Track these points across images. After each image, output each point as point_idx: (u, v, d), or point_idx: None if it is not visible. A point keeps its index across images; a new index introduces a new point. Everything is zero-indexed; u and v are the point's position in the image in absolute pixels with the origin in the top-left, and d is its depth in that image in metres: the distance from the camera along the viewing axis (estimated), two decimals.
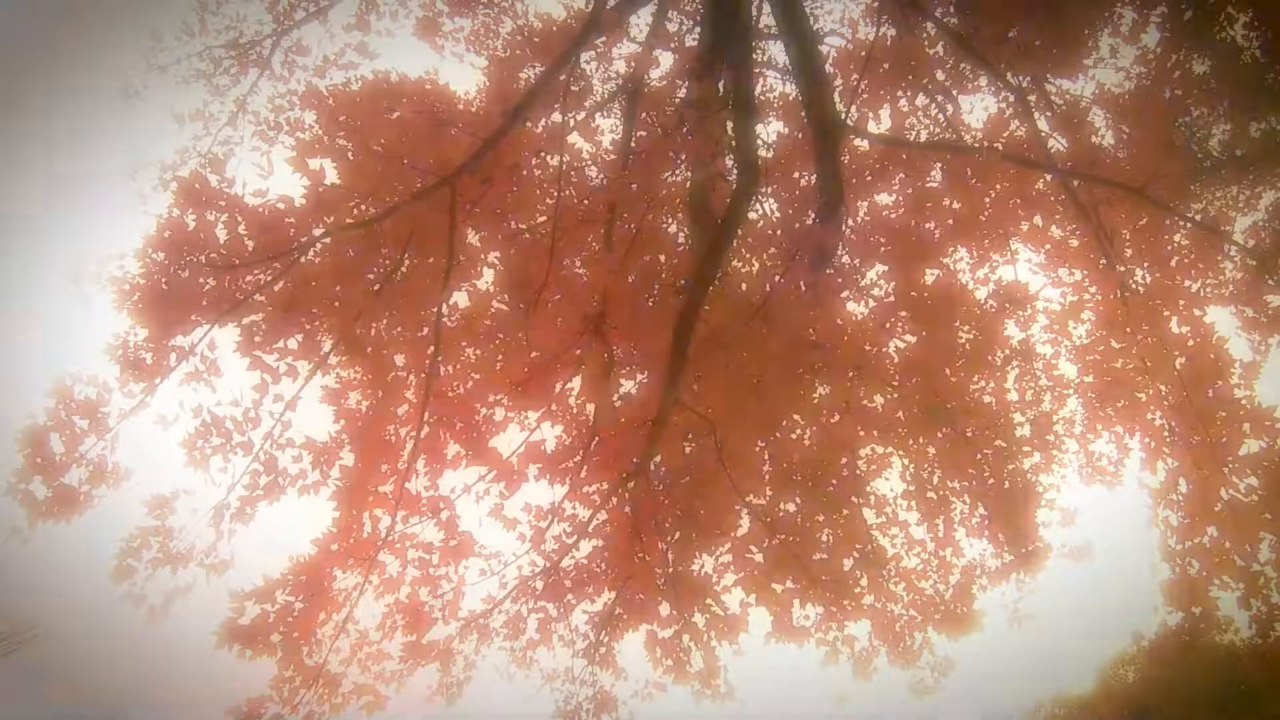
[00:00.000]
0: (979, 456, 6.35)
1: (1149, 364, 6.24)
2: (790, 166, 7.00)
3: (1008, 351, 6.64)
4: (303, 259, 5.10)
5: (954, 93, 7.01)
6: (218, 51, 7.32)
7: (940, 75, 6.72)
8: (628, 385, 6.43)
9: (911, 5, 6.19)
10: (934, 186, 6.76)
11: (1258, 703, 10.10)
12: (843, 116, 6.00)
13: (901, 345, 6.36)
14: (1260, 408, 5.85)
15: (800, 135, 6.77)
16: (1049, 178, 6.46)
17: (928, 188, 6.73)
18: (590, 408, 6.31)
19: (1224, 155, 7.96)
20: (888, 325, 6.32)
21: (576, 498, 6.27)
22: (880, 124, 6.78)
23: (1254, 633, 5.74)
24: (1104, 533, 6.88)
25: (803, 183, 6.97)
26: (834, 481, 6.41)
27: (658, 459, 6.23)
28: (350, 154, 5.25)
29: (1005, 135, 6.48)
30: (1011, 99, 6.40)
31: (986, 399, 6.52)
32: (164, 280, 4.87)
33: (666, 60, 7.59)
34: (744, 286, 6.07)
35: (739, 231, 6.23)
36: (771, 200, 7.23)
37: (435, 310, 5.50)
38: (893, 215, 6.83)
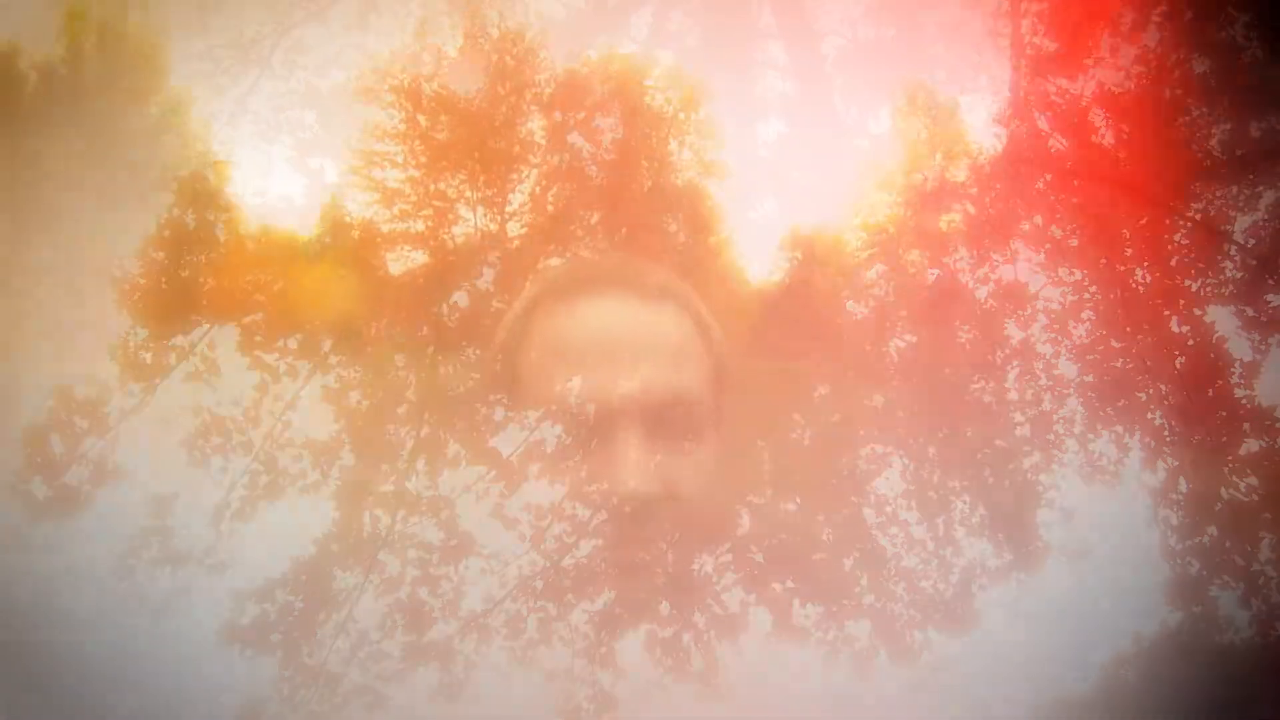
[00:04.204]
0: (979, 456, 6.36)
1: (1149, 364, 6.26)
2: None
3: (1008, 351, 6.65)
4: None
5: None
6: (218, 51, 7.35)
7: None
8: None
9: None
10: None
11: (1258, 703, 10.12)
12: None
13: (901, 345, 6.37)
14: (1260, 408, 5.85)
15: None
16: (1049, 178, 6.47)
17: None
18: (590, 408, 6.33)
19: (1224, 155, 7.98)
20: (888, 325, 6.33)
21: (576, 498, 6.29)
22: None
23: (1254, 633, 5.75)
24: (1104, 533, 6.89)
25: None
26: (834, 481, 6.43)
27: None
28: None
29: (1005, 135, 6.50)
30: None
31: (986, 399, 6.53)
32: (164, 280, 4.89)
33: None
34: None
35: None
36: None
37: (435, 310, 5.51)
38: None
